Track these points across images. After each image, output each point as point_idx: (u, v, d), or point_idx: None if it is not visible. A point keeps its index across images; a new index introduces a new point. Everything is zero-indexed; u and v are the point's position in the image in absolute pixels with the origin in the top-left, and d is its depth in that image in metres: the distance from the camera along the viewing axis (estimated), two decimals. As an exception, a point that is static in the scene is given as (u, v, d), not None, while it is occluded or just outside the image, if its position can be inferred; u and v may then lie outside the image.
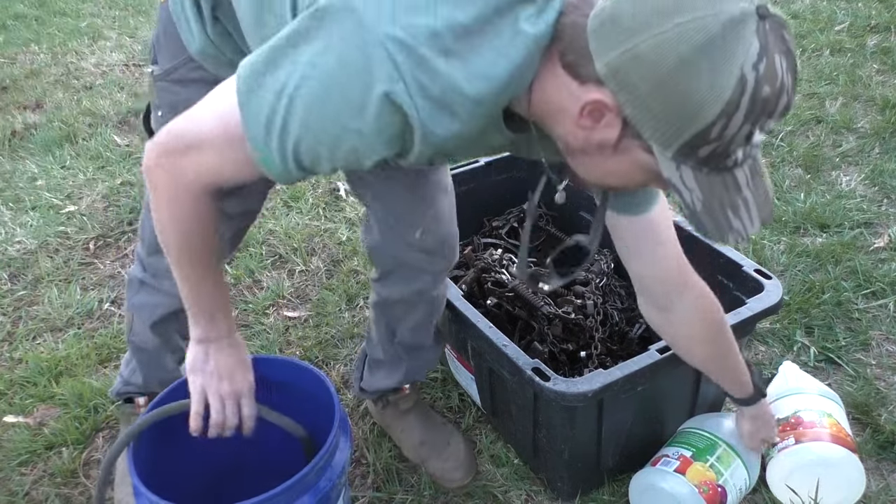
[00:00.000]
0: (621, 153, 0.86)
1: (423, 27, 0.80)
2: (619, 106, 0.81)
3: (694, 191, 0.83)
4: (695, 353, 1.31)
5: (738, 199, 0.85)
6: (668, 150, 0.81)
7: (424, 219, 1.33)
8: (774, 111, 0.78)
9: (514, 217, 2.03)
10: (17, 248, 2.33)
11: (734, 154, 0.81)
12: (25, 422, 1.71)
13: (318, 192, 2.59)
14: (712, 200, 0.84)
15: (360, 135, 0.84)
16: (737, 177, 0.84)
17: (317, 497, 1.07)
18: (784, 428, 1.47)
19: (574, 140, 0.88)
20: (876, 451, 1.57)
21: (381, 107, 0.82)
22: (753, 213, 0.86)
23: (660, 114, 0.78)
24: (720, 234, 0.86)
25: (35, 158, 2.87)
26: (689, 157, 0.81)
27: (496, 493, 1.52)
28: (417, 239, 1.34)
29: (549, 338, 1.61)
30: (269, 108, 0.85)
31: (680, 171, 0.82)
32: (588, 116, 0.83)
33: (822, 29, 3.67)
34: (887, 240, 2.18)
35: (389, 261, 1.39)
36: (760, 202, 0.86)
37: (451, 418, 1.71)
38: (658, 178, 0.85)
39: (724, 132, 0.78)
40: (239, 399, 1.16)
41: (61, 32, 4.27)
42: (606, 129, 0.84)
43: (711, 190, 0.83)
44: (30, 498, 1.55)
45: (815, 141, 2.73)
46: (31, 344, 1.96)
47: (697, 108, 0.77)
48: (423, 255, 1.36)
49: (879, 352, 1.82)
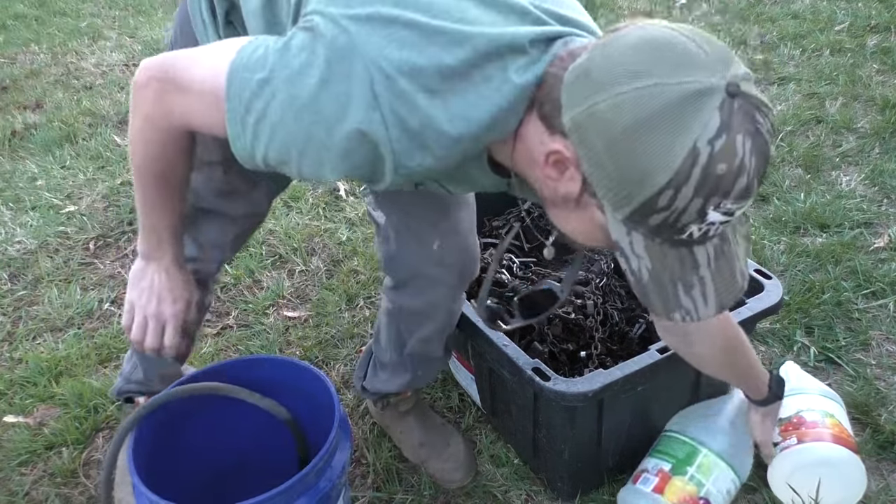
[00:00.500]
0: (582, 209, 0.85)
1: (408, 62, 0.82)
2: (579, 160, 0.81)
3: (643, 259, 0.82)
4: (716, 368, 1.33)
5: (693, 277, 0.83)
6: (619, 212, 0.80)
7: (442, 231, 1.30)
8: (730, 191, 0.76)
9: (514, 217, 2.03)
10: (17, 248, 2.33)
11: (688, 229, 0.79)
12: (25, 422, 1.71)
13: (318, 192, 2.59)
14: (662, 273, 0.82)
15: (327, 151, 0.85)
16: (696, 254, 0.82)
17: (317, 497, 1.07)
18: (786, 428, 1.46)
19: (546, 190, 0.89)
20: (876, 451, 1.57)
21: (352, 134, 0.84)
22: (710, 295, 0.84)
23: (612, 174, 0.78)
24: (666, 309, 0.85)
25: (35, 158, 2.87)
26: (639, 224, 0.80)
27: (496, 493, 1.52)
28: (435, 251, 1.31)
29: (549, 338, 1.61)
30: (251, 92, 0.86)
31: (630, 237, 0.81)
32: (552, 167, 0.84)
33: (822, 29, 3.67)
34: (887, 240, 2.18)
35: (405, 272, 1.35)
36: (721, 286, 0.84)
37: (451, 418, 1.71)
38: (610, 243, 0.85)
39: (674, 203, 0.76)
40: (163, 324, 1.17)
41: (61, 32, 4.27)
42: (569, 182, 0.83)
43: (663, 262, 0.82)
44: (30, 498, 1.55)
45: (815, 141, 2.73)
46: (31, 344, 1.96)
47: (646, 173, 0.76)
48: (440, 267, 1.32)
49: (879, 352, 1.82)
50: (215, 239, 1.33)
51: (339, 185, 2.60)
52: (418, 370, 1.50)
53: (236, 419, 1.28)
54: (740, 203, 0.78)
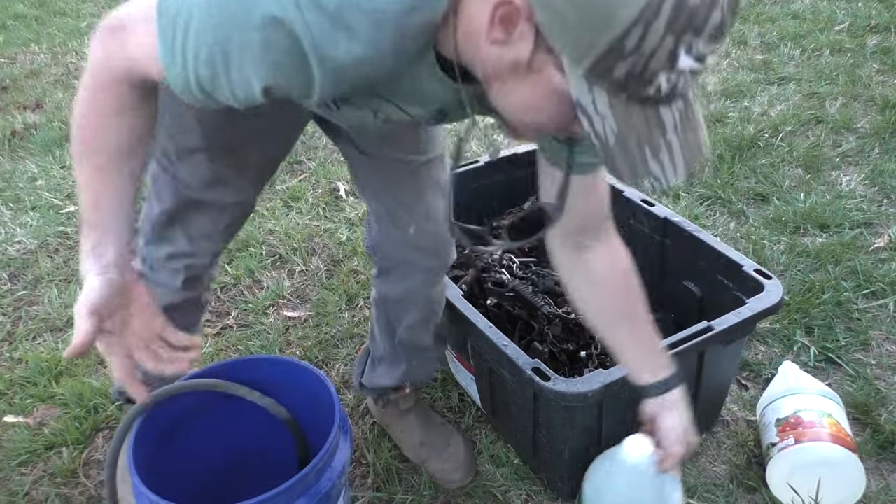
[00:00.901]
0: (536, 73, 0.76)
1: None
2: (531, 10, 0.72)
3: (607, 118, 0.73)
4: (603, 308, 1.20)
5: (660, 140, 0.75)
6: (580, 66, 0.71)
7: (416, 215, 1.33)
8: (703, 27, 0.68)
9: (514, 217, 2.03)
10: (17, 248, 2.33)
11: (656, 79, 0.71)
12: (25, 422, 1.71)
13: (318, 193, 2.59)
14: (628, 135, 0.74)
15: (248, 50, 0.77)
16: (662, 116, 0.74)
17: (317, 497, 1.07)
18: (784, 428, 1.47)
19: (490, 65, 0.79)
20: (876, 451, 1.57)
21: (266, 22, 0.75)
22: (678, 160, 0.76)
23: (571, 17, 0.69)
24: (633, 174, 0.76)
25: (35, 158, 2.87)
26: (603, 77, 0.71)
27: (496, 493, 1.52)
28: (411, 235, 1.33)
29: (549, 338, 1.61)
30: (175, 8, 0.80)
31: (593, 94, 0.72)
32: (500, 26, 0.74)
33: (822, 29, 3.67)
34: (887, 240, 2.18)
35: (388, 259, 1.41)
36: (688, 153, 0.76)
37: (451, 418, 1.71)
38: (572, 109, 0.76)
39: (643, 43, 0.68)
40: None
41: (61, 32, 4.27)
42: (520, 42, 0.74)
43: (628, 122, 0.73)
44: (30, 498, 1.55)
45: (815, 141, 2.73)
46: (31, 344, 1.96)
47: (611, 8, 0.67)
48: (416, 252, 1.36)
49: (879, 352, 1.82)
50: (207, 231, 1.30)
51: (338, 185, 2.60)
52: (412, 360, 1.52)
53: (236, 419, 1.28)
54: (712, 45, 0.71)
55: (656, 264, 1.76)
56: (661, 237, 1.72)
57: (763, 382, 1.74)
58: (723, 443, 1.61)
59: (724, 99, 3.10)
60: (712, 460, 1.58)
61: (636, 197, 1.77)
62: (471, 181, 1.95)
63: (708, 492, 1.50)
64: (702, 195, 2.45)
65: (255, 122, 1.14)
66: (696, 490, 1.50)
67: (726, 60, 3.47)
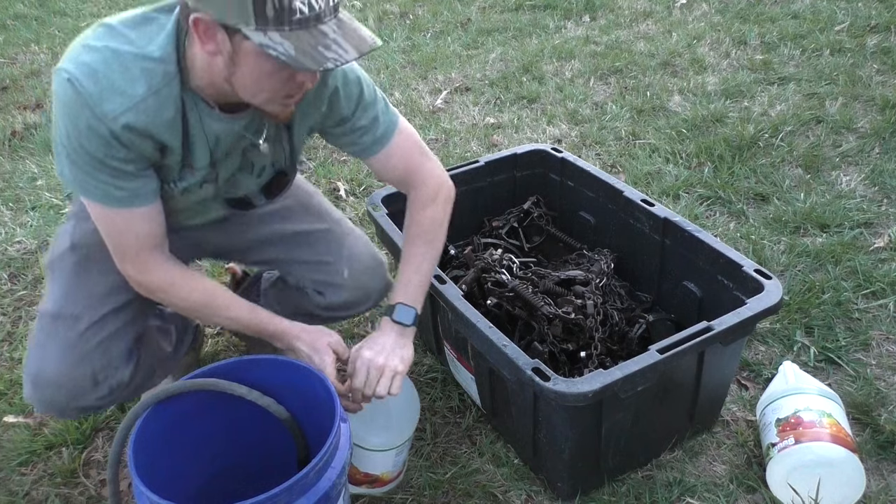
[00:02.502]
0: (244, 55, 1.06)
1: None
2: (204, 13, 1.02)
3: (283, 44, 1.01)
4: (412, 226, 1.44)
5: (328, 41, 1.04)
6: (250, 25, 1.01)
7: (345, 259, 1.53)
8: None
9: (514, 217, 2.03)
10: (17, 248, 2.33)
11: (294, 4, 1.00)
12: (25, 422, 1.71)
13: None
14: (303, 46, 1.02)
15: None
16: (321, 29, 1.04)
17: (317, 497, 1.07)
18: (784, 428, 1.47)
19: (219, 75, 1.10)
20: (876, 451, 1.57)
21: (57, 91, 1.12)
22: (347, 48, 1.05)
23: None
24: (318, 62, 1.03)
25: (35, 158, 2.87)
26: (266, 22, 1.00)
27: (496, 493, 1.52)
28: (346, 278, 1.53)
29: (549, 338, 1.61)
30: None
31: (269, 37, 1.01)
32: (206, 38, 1.05)
33: (822, 29, 3.67)
34: (887, 240, 2.18)
35: (346, 305, 1.57)
36: (353, 42, 1.06)
37: (451, 418, 1.71)
38: (279, 68, 1.06)
39: None
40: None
41: (61, 32, 4.27)
42: (221, 40, 1.04)
43: (299, 40, 1.02)
44: (30, 498, 1.55)
45: (815, 141, 2.73)
46: (31, 344, 1.96)
47: None
48: (359, 291, 1.55)
49: (879, 352, 1.82)
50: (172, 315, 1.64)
51: (338, 184, 2.60)
52: None
53: (236, 419, 1.28)
54: None
55: (656, 264, 1.76)
56: (661, 237, 1.72)
57: (763, 382, 1.74)
58: (723, 443, 1.61)
59: (724, 99, 3.10)
60: (712, 460, 1.58)
61: (636, 197, 1.77)
62: (471, 181, 1.95)
63: (708, 492, 1.50)
64: (702, 195, 2.45)
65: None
66: (696, 490, 1.50)
67: (726, 60, 3.47)
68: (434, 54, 3.77)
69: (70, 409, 1.34)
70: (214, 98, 1.18)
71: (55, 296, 1.35)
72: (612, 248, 1.88)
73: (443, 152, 2.82)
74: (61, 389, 1.31)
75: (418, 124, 3.02)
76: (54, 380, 1.30)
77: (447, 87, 3.39)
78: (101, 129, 1.10)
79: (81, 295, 1.34)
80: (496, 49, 3.81)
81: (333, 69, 1.07)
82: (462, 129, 3.00)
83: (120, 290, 1.34)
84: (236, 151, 1.29)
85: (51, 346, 1.31)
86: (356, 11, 4.45)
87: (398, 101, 3.26)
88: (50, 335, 1.32)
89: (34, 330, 1.35)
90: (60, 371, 1.30)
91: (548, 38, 3.91)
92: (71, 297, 1.34)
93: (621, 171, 2.66)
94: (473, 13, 4.37)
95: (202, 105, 1.18)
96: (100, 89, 1.08)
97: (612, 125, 2.96)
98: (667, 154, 2.72)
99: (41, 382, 1.31)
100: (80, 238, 1.38)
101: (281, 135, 1.32)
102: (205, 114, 1.19)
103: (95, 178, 1.15)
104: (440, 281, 1.52)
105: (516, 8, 4.39)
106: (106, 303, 1.34)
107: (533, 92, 3.28)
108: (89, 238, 1.36)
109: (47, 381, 1.31)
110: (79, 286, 1.35)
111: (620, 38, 3.85)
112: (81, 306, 1.33)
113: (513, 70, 3.55)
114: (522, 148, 2.03)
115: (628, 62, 3.52)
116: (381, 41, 1.11)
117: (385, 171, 1.44)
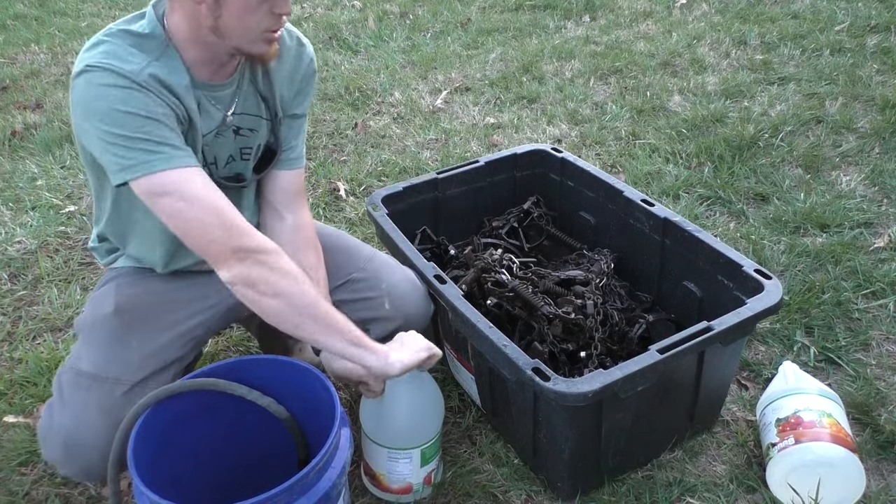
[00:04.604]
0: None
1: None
2: None
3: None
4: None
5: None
6: None
7: (385, 291, 1.52)
8: None
9: (514, 217, 2.03)
10: (17, 248, 2.33)
11: None
12: (25, 422, 1.71)
13: (318, 193, 2.59)
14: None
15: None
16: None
17: (317, 497, 1.07)
18: (784, 428, 1.47)
19: (205, 26, 1.20)
20: (876, 451, 1.57)
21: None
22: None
23: None
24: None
25: (35, 158, 2.87)
26: None
27: (496, 492, 1.52)
28: (388, 310, 1.50)
29: (549, 338, 1.61)
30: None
31: None
32: None
33: (822, 29, 3.67)
34: (887, 240, 2.18)
35: (393, 335, 1.44)
36: None
37: (451, 418, 1.71)
38: (260, 2, 1.18)
39: None
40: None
41: (61, 32, 4.28)
42: None
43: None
44: (30, 498, 1.55)
45: (815, 141, 2.73)
46: (31, 344, 1.96)
47: None
48: (404, 320, 1.50)
49: (879, 352, 1.82)
50: None
51: (338, 185, 2.60)
52: None
53: (237, 420, 1.28)
54: None
55: (656, 264, 1.76)
56: (661, 237, 1.72)
57: (763, 382, 1.74)
58: (723, 443, 1.61)
59: (724, 99, 3.10)
60: (712, 460, 1.58)
61: (636, 197, 1.77)
62: (471, 181, 1.95)
63: (708, 492, 1.50)
64: (702, 195, 2.46)
65: None
66: (696, 490, 1.50)
67: (726, 60, 3.47)
68: (434, 54, 3.77)
69: (102, 473, 1.27)
70: (200, 64, 1.27)
71: (93, 358, 1.32)
72: (612, 248, 1.88)
73: (443, 152, 2.82)
74: (98, 453, 1.25)
75: (418, 124, 3.02)
76: (91, 443, 1.25)
77: (447, 87, 3.39)
78: (131, 85, 1.17)
79: (123, 359, 1.32)
80: (496, 49, 3.81)
81: None
82: (462, 129, 3.00)
83: (161, 351, 1.34)
84: (226, 133, 1.36)
85: (88, 409, 1.27)
86: (356, 11, 4.45)
87: (398, 100, 3.26)
88: (86, 398, 1.28)
89: (59, 387, 1.31)
90: (99, 435, 1.24)
91: (548, 38, 3.91)
92: (113, 361, 1.31)
93: (621, 171, 2.66)
94: (473, 13, 4.37)
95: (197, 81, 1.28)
96: (117, 59, 1.18)
97: (612, 125, 2.96)
98: (667, 154, 2.72)
99: (75, 445, 1.26)
100: (126, 302, 1.39)
101: (259, 105, 1.39)
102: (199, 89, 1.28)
103: (145, 150, 1.18)
104: (440, 281, 1.52)
105: (516, 8, 4.39)
106: (146, 366, 1.32)
107: (533, 92, 3.29)
108: (135, 300, 1.38)
109: (83, 445, 1.26)
110: (122, 350, 1.33)
111: (620, 38, 3.85)
112: (122, 370, 1.31)
113: (513, 70, 3.55)
114: (522, 148, 2.03)
115: (628, 62, 3.52)
116: None
117: (279, 191, 1.48)
